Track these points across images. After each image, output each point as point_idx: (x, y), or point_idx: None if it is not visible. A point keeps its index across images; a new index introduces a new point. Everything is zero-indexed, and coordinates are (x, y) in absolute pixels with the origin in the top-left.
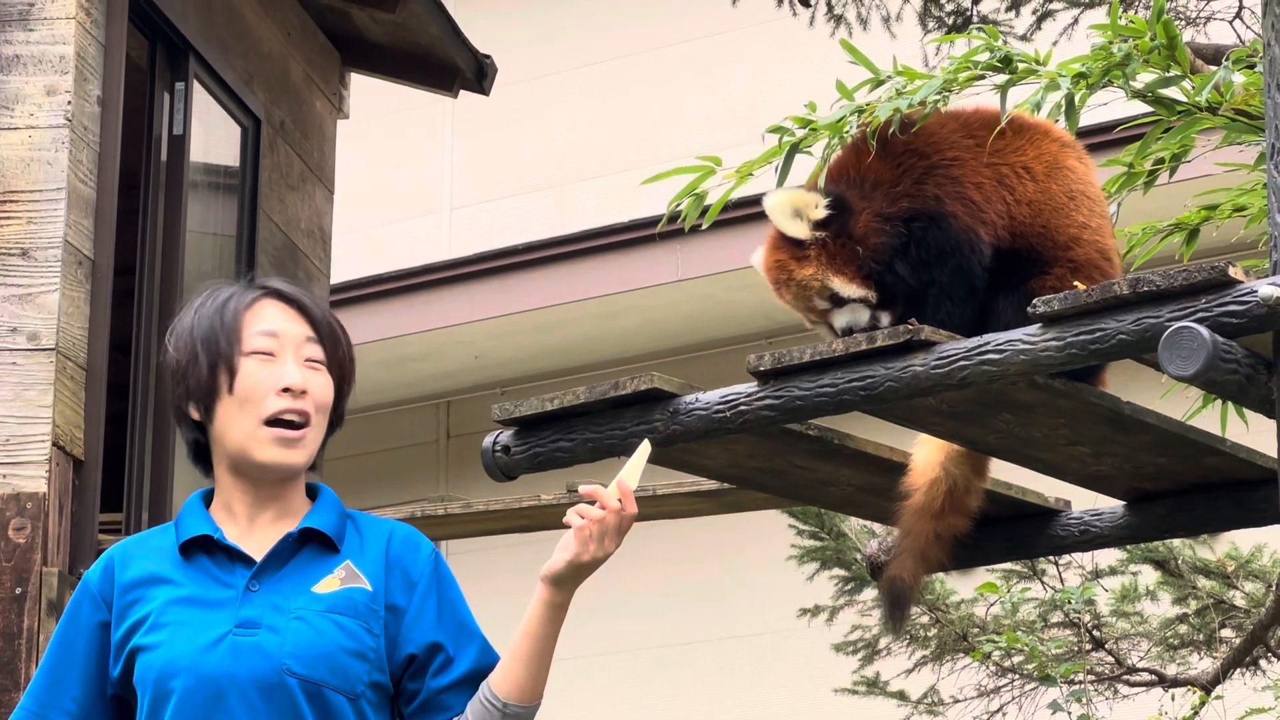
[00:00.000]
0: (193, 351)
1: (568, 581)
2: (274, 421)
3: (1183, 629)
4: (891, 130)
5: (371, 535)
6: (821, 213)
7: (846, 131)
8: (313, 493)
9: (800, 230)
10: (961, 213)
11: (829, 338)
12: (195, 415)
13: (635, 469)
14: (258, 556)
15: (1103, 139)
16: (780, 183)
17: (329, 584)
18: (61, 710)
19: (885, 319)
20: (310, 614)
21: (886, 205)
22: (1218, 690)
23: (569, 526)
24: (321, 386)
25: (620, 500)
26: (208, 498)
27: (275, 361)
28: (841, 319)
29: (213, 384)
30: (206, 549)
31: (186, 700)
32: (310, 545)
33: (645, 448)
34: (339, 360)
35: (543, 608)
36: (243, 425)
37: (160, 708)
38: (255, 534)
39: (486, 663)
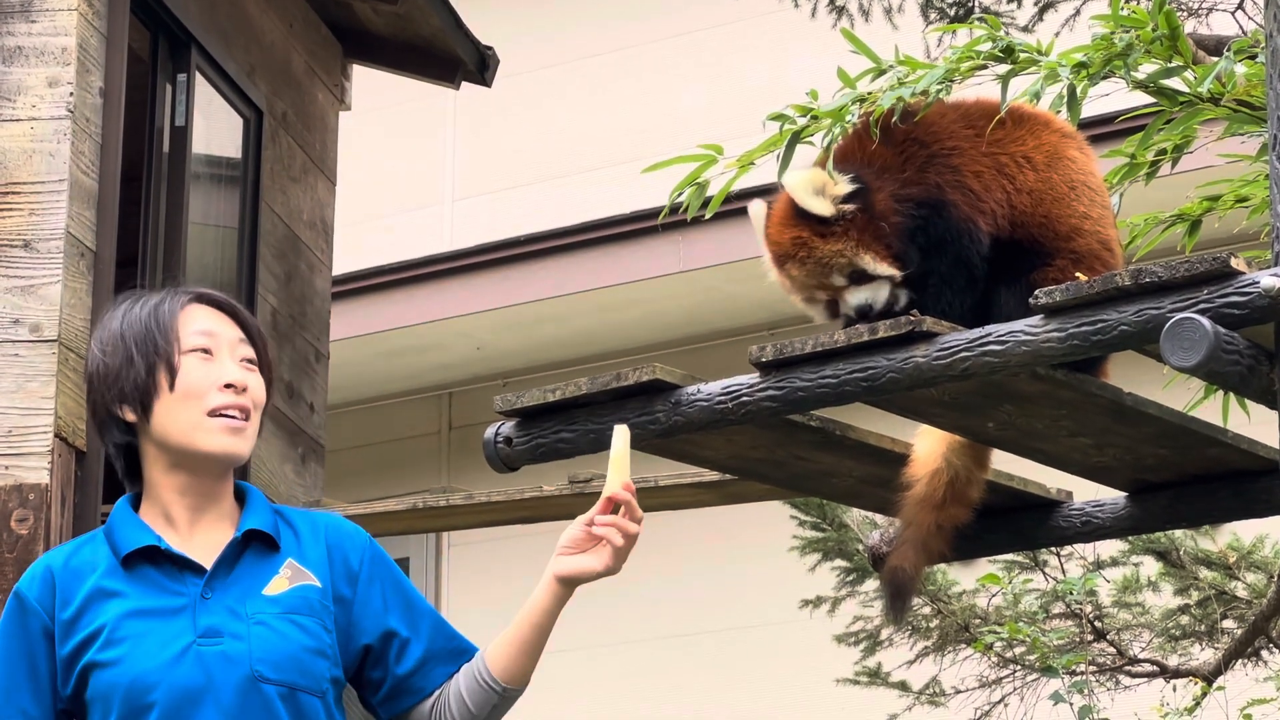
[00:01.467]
0: (126, 354)
1: (585, 582)
2: (217, 415)
3: (1184, 620)
4: (894, 119)
5: (305, 529)
6: (845, 187)
7: (848, 120)
8: (239, 494)
9: (824, 208)
10: (961, 201)
11: (821, 317)
12: (130, 417)
13: (626, 462)
14: (203, 562)
15: (1105, 130)
16: (782, 171)
17: (278, 584)
18: None
19: (904, 297)
20: (269, 617)
21: (898, 188)
22: (1219, 681)
23: (610, 541)
24: (257, 385)
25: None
26: (134, 503)
27: (213, 360)
28: (859, 296)
29: (151, 383)
30: (150, 558)
31: (165, 715)
32: (252, 546)
33: (624, 434)
34: (267, 363)
35: (553, 603)
36: (187, 418)
37: None
38: (196, 539)
39: (441, 637)
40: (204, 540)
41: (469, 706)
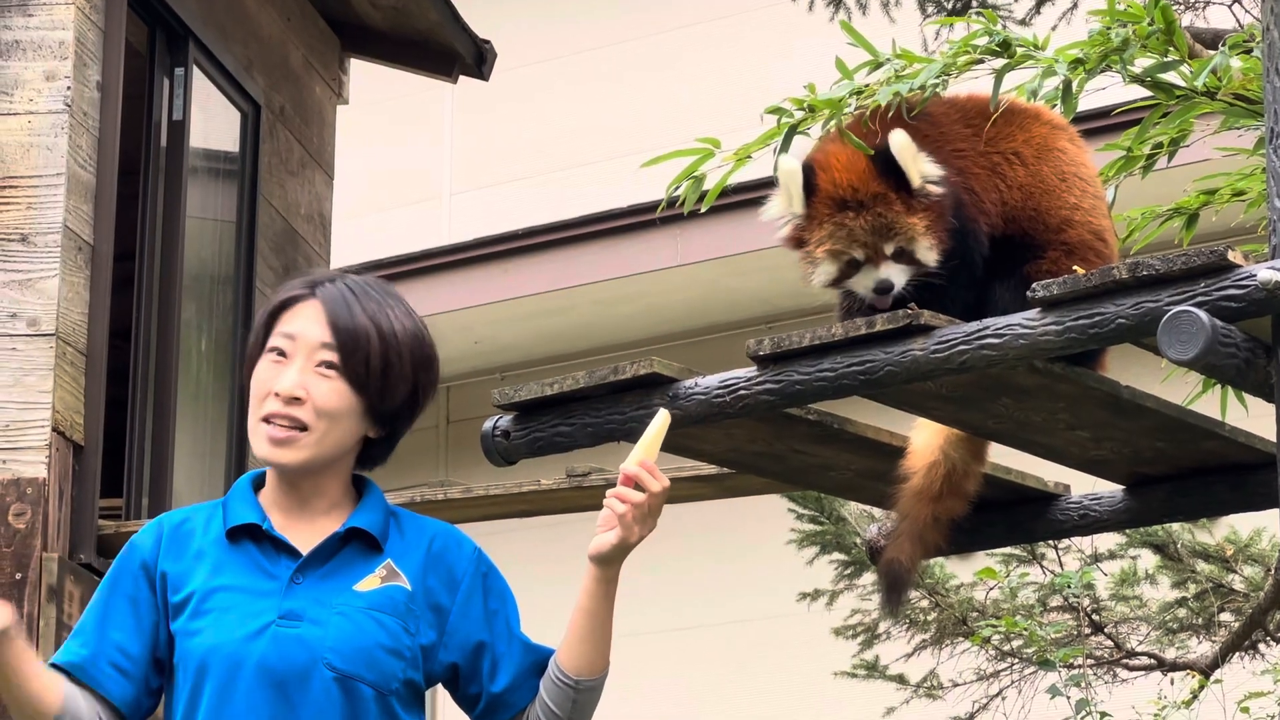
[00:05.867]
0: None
1: (617, 558)
2: (266, 421)
3: (1182, 613)
4: (892, 113)
5: (414, 535)
6: (936, 170)
7: (846, 111)
8: (361, 487)
9: (915, 177)
10: (969, 202)
11: (825, 277)
12: None
13: (654, 443)
14: (303, 549)
15: (1101, 123)
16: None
17: (370, 582)
18: (109, 660)
19: (909, 287)
20: (351, 610)
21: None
22: (1217, 674)
23: (612, 509)
24: (324, 393)
25: (653, 479)
26: (258, 481)
27: (285, 363)
28: (891, 272)
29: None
30: (254, 536)
31: (226, 686)
32: (355, 543)
33: (663, 418)
34: (355, 367)
35: (595, 585)
36: (250, 418)
37: (200, 692)
38: (303, 525)
39: (531, 652)
40: (312, 527)
41: (551, 707)
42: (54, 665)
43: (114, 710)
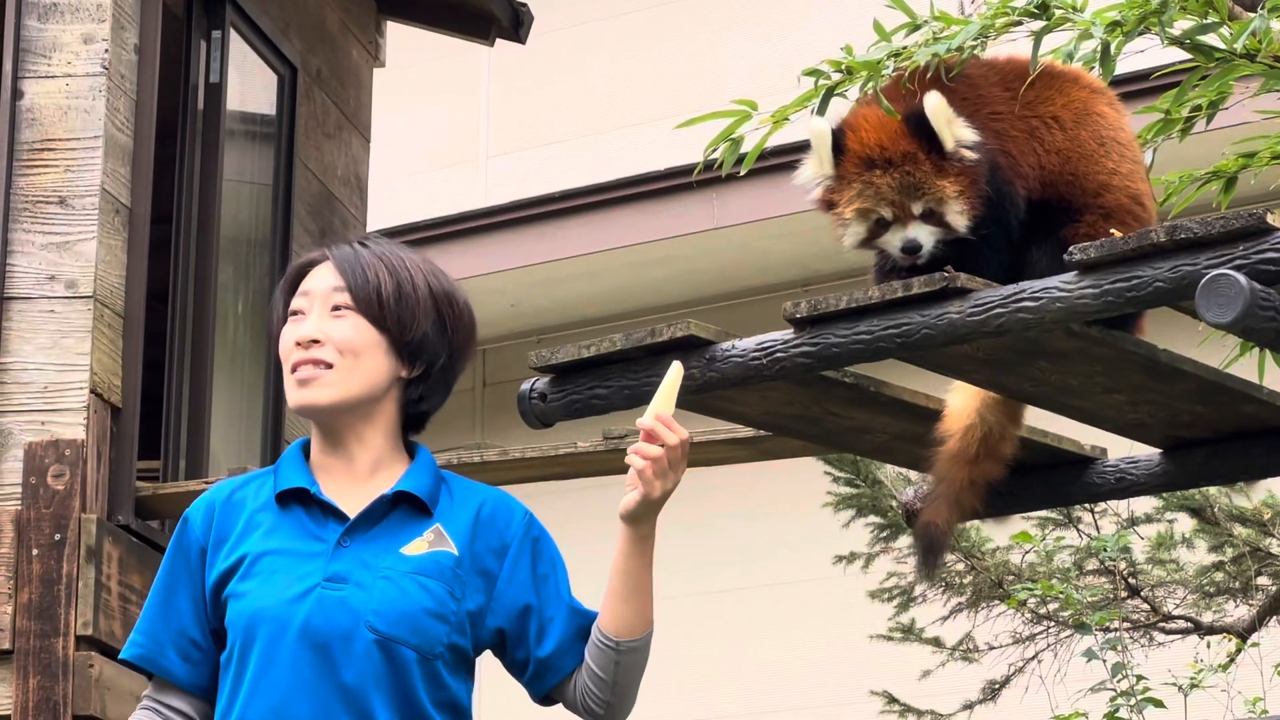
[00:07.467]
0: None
1: (646, 515)
2: (294, 372)
3: (1219, 576)
4: (931, 75)
5: (463, 499)
6: (972, 136)
7: (884, 73)
8: (412, 452)
9: (949, 141)
10: (1005, 165)
11: (853, 237)
12: None
13: (669, 396)
14: (351, 512)
15: (1139, 86)
16: None
17: (417, 546)
18: (175, 648)
19: (939, 249)
20: (396, 574)
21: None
22: (1254, 637)
23: (633, 465)
24: (343, 329)
25: (670, 431)
26: (308, 447)
27: (303, 319)
28: (919, 232)
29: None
30: (302, 501)
31: (271, 648)
32: (403, 506)
33: (676, 370)
34: (368, 301)
35: (628, 544)
36: (285, 382)
37: (246, 654)
38: (354, 489)
39: (577, 616)
40: (361, 491)
41: (596, 670)
42: (122, 661)
43: (188, 694)
